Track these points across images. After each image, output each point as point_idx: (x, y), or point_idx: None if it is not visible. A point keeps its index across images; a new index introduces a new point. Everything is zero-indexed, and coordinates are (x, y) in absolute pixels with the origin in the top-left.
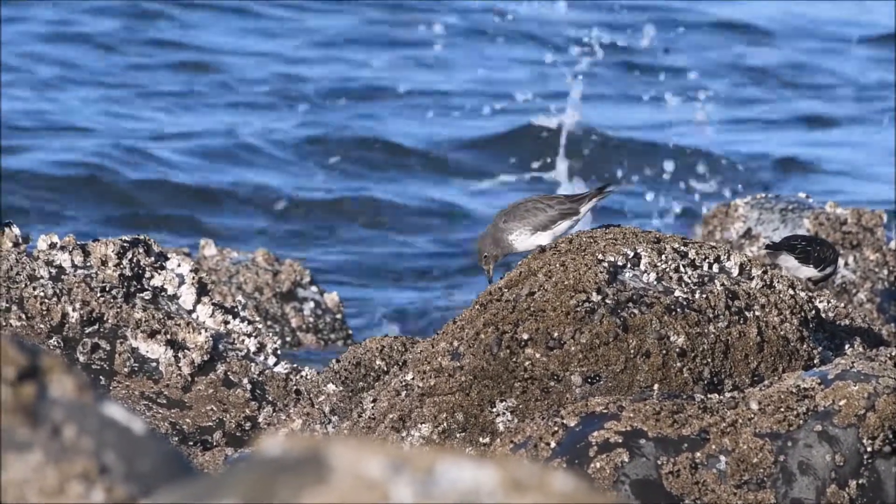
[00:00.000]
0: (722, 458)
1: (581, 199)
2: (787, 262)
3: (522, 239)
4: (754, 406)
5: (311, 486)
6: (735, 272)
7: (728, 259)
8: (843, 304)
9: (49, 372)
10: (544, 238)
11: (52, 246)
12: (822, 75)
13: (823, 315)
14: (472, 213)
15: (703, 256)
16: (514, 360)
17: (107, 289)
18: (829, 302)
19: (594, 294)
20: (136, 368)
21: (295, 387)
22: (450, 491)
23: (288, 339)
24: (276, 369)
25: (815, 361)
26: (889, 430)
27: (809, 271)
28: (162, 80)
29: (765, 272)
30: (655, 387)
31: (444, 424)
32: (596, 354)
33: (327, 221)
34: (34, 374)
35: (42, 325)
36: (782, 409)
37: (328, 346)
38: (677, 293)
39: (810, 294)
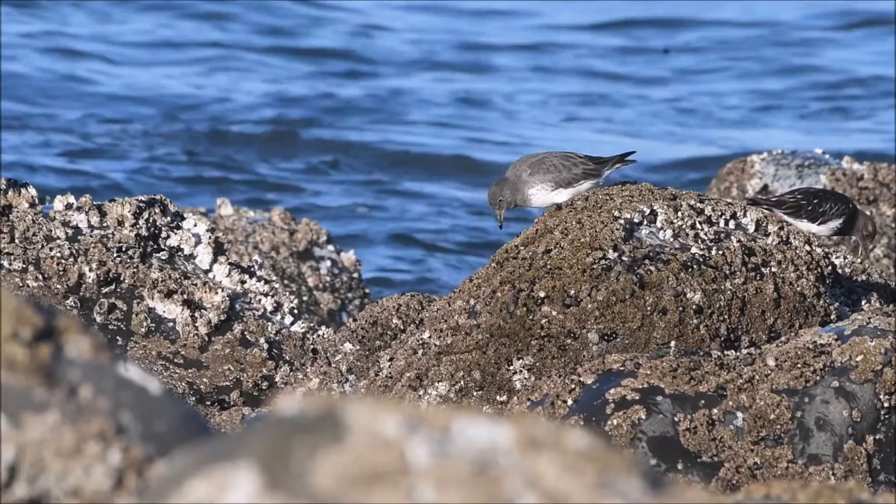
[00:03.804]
0: (739, 414)
1: (605, 163)
2: (783, 218)
3: (542, 195)
4: (771, 362)
5: (327, 445)
6: (751, 228)
7: (744, 215)
8: (859, 260)
9: (65, 332)
10: (563, 196)
11: (69, 206)
12: None
13: (840, 271)
14: None
15: (720, 213)
16: (531, 317)
17: (123, 249)
18: (845, 258)
19: (610, 251)
20: (152, 328)
21: (312, 346)
22: (466, 450)
23: (305, 298)
24: (293, 328)
25: (832, 317)
26: None
27: (806, 226)
28: None
29: (781, 228)
30: (672, 344)
31: (461, 383)
32: (612, 312)
33: None
34: (50, 334)
35: (59, 286)
36: (799, 366)
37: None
38: (694, 250)
39: (826, 250)
